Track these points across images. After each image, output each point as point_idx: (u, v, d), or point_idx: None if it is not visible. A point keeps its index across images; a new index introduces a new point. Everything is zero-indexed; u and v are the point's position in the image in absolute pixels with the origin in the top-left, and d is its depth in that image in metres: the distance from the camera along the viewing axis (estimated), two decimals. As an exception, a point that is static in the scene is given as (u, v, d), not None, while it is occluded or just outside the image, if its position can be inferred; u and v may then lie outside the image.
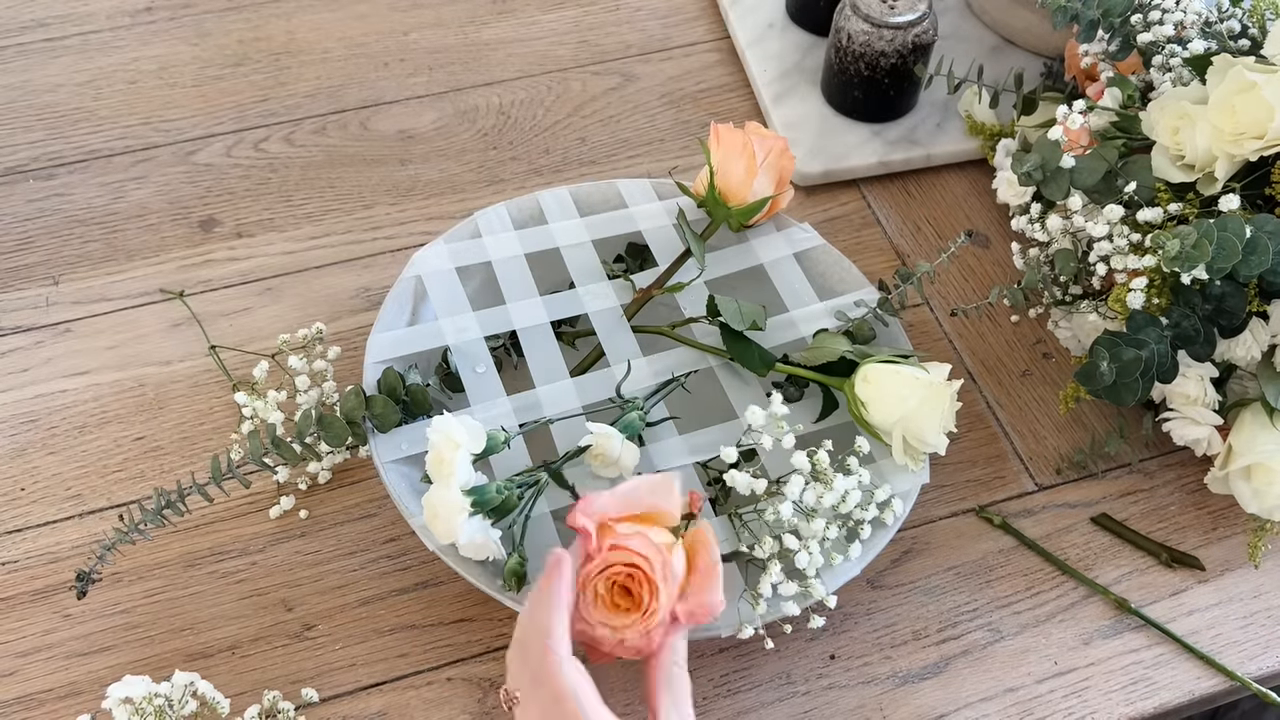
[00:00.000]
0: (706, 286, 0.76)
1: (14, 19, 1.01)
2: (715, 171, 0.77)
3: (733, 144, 0.76)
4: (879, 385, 0.67)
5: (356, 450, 0.75)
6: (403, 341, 0.73)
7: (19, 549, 0.72)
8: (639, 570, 0.57)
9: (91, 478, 0.75)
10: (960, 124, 0.95)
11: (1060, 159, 0.72)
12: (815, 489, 0.62)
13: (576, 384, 0.71)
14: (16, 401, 0.78)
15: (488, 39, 1.02)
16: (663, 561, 0.57)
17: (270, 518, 0.73)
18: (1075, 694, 0.69)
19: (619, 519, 0.59)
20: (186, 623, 0.69)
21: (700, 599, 0.58)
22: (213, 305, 0.83)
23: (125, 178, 0.91)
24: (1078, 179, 0.72)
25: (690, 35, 1.04)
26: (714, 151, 0.77)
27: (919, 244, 0.89)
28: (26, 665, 0.67)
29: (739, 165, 0.76)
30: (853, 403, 0.69)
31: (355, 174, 0.92)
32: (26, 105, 0.95)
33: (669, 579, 0.57)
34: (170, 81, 0.97)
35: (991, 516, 0.74)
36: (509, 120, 0.96)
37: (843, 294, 0.77)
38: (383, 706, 0.67)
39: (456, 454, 0.61)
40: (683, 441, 0.69)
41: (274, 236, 0.87)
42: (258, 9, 1.03)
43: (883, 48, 0.89)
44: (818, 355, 0.71)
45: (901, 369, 0.67)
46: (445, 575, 0.71)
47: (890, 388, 0.67)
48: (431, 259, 0.76)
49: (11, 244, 0.86)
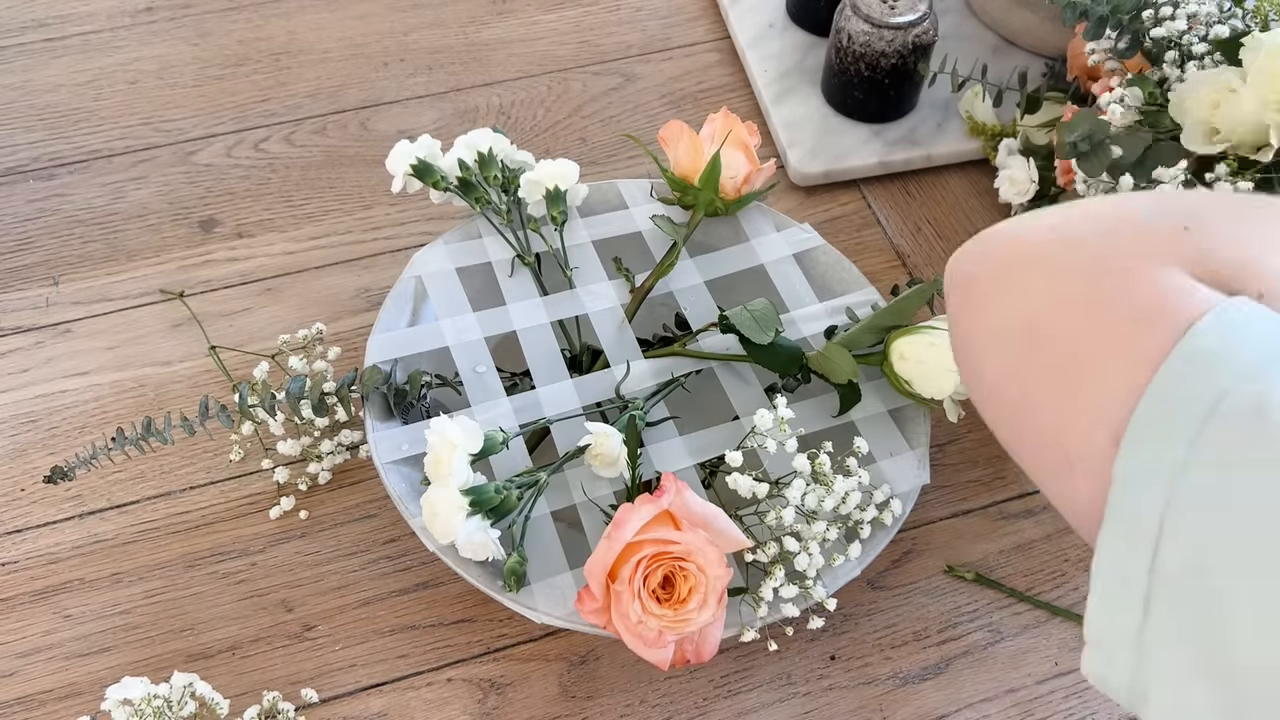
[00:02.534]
0: (707, 289, 0.76)
1: (14, 19, 1.00)
2: (673, 165, 0.78)
3: (670, 132, 0.78)
4: (919, 361, 0.67)
5: (357, 450, 0.75)
6: (403, 342, 0.72)
7: (19, 549, 0.72)
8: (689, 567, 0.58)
9: (91, 478, 0.75)
10: (960, 124, 0.95)
11: (1107, 131, 0.72)
12: (817, 492, 0.62)
13: (576, 384, 0.71)
14: (16, 402, 0.78)
15: (488, 39, 1.02)
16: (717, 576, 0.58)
17: (270, 518, 0.73)
18: (1076, 694, 0.69)
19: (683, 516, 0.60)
20: (187, 623, 0.69)
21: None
22: (213, 305, 0.83)
23: (125, 178, 0.91)
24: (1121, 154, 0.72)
25: (690, 35, 1.04)
26: (665, 150, 0.79)
27: (919, 244, 0.89)
28: (27, 666, 0.68)
29: (683, 146, 0.77)
30: (894, 380, 0.69)
31: (356, 174, 0.92)
32: (27, 105, 0.95)
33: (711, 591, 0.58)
34: (171, 81, 0.97)
35: (964, 573, 0.73)
36: (509, 120, 0.96)
37: (843, 294, 0.77)
38: (383, 707, 0.67)
39: (454, 454, 0.61)
40: (683, 442, 0.69)
41: (274, 237, 0.87)
42: (258, 9, 1.03)
43: (883, 48, 0.89)
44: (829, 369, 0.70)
45: (935, 339, 0.67)
46: (445, 576, 0.71)
47: (933, 361, 0.67)
48: (432, 259, 0.76)
49: (12, 244, 0.86)
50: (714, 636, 0.60)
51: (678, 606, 0.58)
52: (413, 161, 0.76)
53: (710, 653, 0.60)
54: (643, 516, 0.59)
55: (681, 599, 0.58)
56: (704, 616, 0.58)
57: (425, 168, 0.76)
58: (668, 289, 0.76)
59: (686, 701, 0.68)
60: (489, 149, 0.76)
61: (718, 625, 0.60)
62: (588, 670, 0.69)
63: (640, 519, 0.59)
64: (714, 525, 0.60)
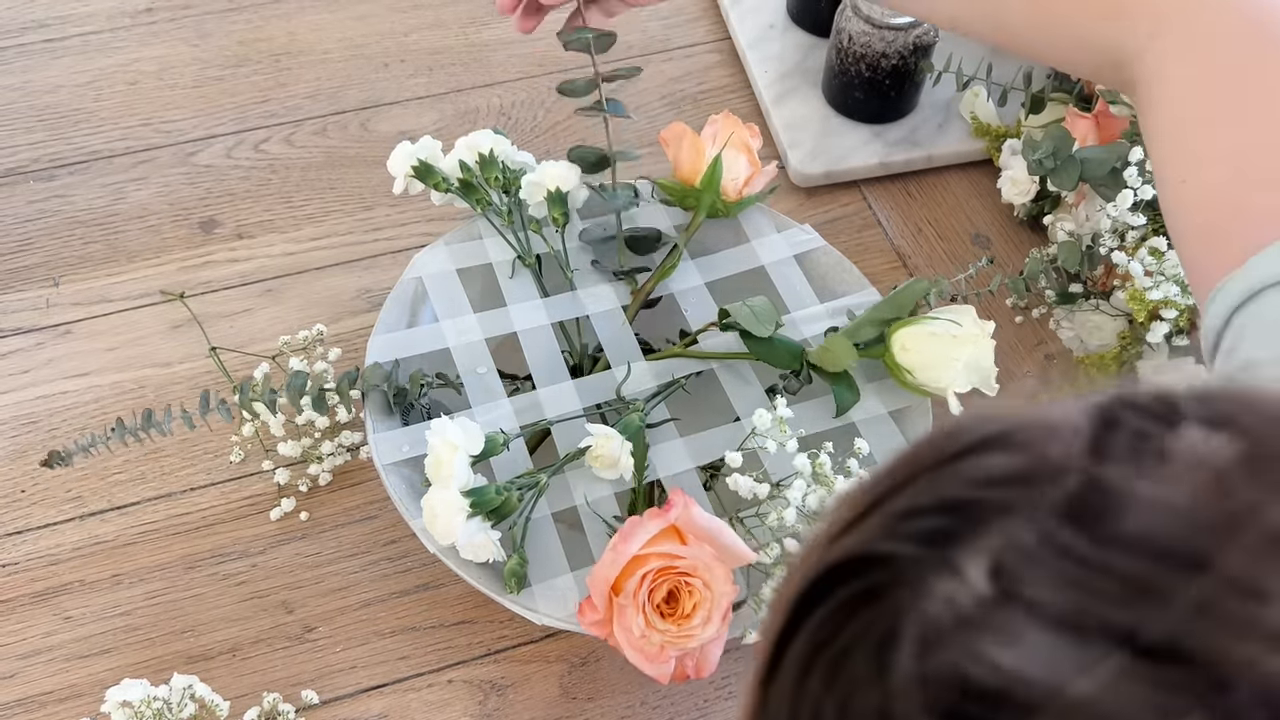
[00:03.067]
0: (708, 290, 0.76)
1: (14, 19, 1.00)
2: (674, 166, 0.78)
3: (671, 134, 0.77)
4: (920, 352, 0.67)
5: (357, 452, 0.75)
6: (403, 343, 0.72)
7: (19, 551, 0.72)
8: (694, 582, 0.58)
9: (91, 480, 0.75)
10: (961, 125, 0.95)
11: (1071, 147, 0.72)
12: (818, 492, 0.62)
13: (577, 386, 0.71)
14: (17, 403, 0.78)
15: (488, 40, 1.02)
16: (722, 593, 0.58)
17: (271, 520, 0.73)
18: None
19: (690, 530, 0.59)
20: (187, 625, 0.69)
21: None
22: (213, 306, 0.83)
23: (126, 179, 0.91)
24: (1087, 170, 0.72)
25: (691, 36, 1.04)
26: (666, 151, 0.79)
27: (920, 245, 0.89)
28: (27, 667, 0.67)
29: (684, 148, 0.77)
30: (895, 371, 0.69)
31: (356, 175, 0.92)
32: (27, 106, 0.95)
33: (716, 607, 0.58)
34: (170, 82, 0.97)
35: None
36: (509, 121, 0.96)
37: (843, 295, 0.77)
38: (383, 709, 0.67)
39: (454, 456, 0.61)
40: (684, 444, 0.69)
41: (274, 238, 0.87)
42: (258, 10, 1.03)
43: (883, 49, 0.89)
44: (828, 360, 0.70)
45: (935, 329, 0.67)
46: (446, 577, 0.71)
47: (934, 352, 0.67)
48: (432, 261, 0.76)
49: (12, 245, 0.86)
50: (715, 653, 0.59)
51: (682, 622, 0.58)
52: (414, 163, 0.76)
53: (710, 669, 0.59)
54: (649, 530, 0.58)
55: (686, 614, 0.58)
56: (708, 633, 0.58)
57: (426, 169, 0.76)
58: (668, 290, 0.76)
59: (687, 703, 0.68)
60: (490, 150, 0.76)
61: (720, 641, 0.59)
62: (588, 671, 0.69)
63: (647, 533, 0.58)
64: (719, 540, 0.60)
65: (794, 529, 0.62)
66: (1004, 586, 0.23)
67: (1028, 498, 0.24)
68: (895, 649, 0.24)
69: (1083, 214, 0.80)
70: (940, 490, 0.25)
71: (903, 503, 0.26)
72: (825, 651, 0.25)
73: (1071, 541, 0.23)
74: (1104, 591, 0.22)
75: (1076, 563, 0.23)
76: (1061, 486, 0.24)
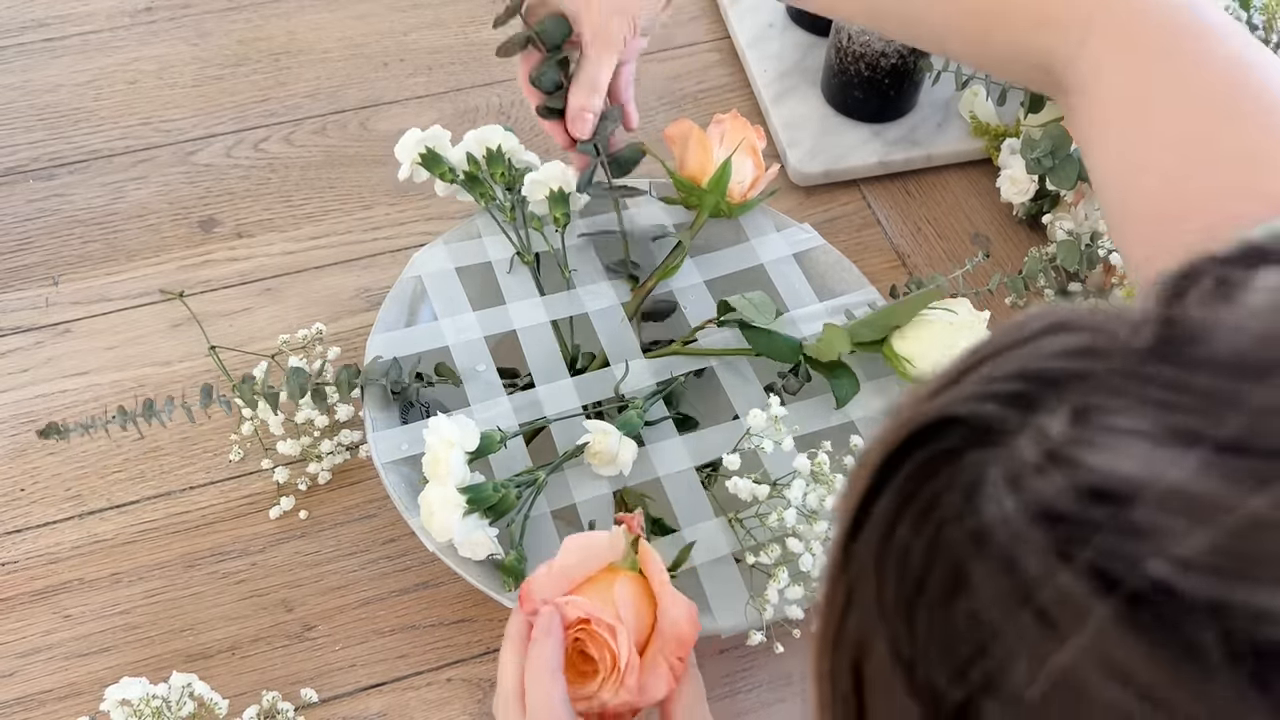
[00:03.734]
0: (707, 288, 0.76)
1: (14, 19, 1.00)
2: (679, 163, 0.78)
3: (678, 131, 0.77)
4: (918, 340, 0.67)
5: (356, 450, 0.75)
6: (403, 342, 0.72)
7: (19, 549, 0.72)
8: (588, 626, 0.54)
9: (91, 478, 0.75)
10: (960, 124, 0.95)
11: (1070, 146, 0.72)
12: (817, 491, 0.62)
13: (576, 383, 0.71)
14: (16, 402, 0.78)
15: (488, 39, 1.02)
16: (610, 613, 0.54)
17: (270, 518, 0.73)
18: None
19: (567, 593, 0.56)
20: (186, 623, 0.69)
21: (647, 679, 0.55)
22: (213, 305, 0.83)
23: (125, 178, 0.91)
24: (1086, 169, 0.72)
25: (690, 35, 1.04)
26: (672, 149, 0.79)
27: (919, 244, 0.89)
28: (26, 666, 0.67)
29: (691, 145, 0.77)
30: (894, 361, 0.69)
31: (355, 174, 0.92)
32: (27, 105, 0.95)
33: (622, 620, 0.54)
34: (170, 81, 0.97)
35: None
36: (509, 121, 0.96)
37: (843, 294, 0.77)
38: (383, 707, 0.67)
39: (451, 452, 0.61)
40: (682, 443, 0.69)
41: (274, 237, 0.87)
42: (258, 9, 1.03)
43: (883, 48, 0.89)
44: (823, 351, 0.70)
45: (933, 319, 0.67)
46: (445, 576, 0.71)
47: (932, 339, 0.67)
48: (431, 259, 0.76)
49: (11, 244, 0.86)
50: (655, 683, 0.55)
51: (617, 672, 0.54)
52: (421, 150, 0.75)
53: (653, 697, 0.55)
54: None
55: (605, 663, 0.54)
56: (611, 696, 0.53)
57: (433, 157, 0.75)
58: (668, 288, 0.76)
59: (686, 701, 0.68)
60: (498, 146, 0.76)
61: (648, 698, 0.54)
62: None
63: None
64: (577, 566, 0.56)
65: (794, 529, 0.62)
66: (1088, 420, 0.25)
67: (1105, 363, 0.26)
68: (984, 487, 0.26)
69: (1081, 213, 0.80)
70: (1020, 363, 0.27)
71: (982, 373, 0.28)
72: (912, 504, 0.27)
73: (1155, 372, 0.25)
74: (1184, 405, 0.24)
75: (1160, 387, 0.25)
76: (1141, 336, 0.26)
